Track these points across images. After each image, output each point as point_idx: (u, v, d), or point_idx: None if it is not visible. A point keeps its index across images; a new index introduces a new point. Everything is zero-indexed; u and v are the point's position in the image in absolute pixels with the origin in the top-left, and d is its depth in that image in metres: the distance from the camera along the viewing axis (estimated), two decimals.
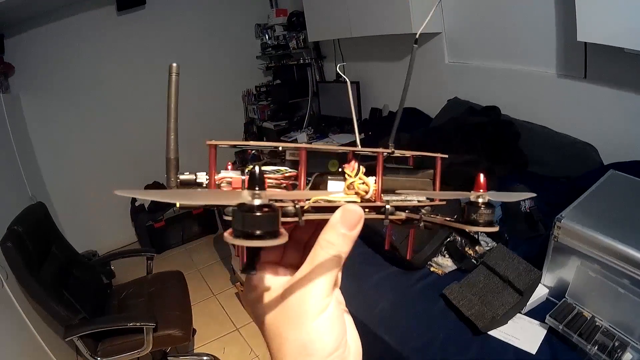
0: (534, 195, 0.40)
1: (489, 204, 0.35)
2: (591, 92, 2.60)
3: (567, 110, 2.77)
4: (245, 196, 0.28)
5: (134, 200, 4.58)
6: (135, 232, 4.70)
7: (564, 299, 1.61)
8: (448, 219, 0.38)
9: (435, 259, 2.07)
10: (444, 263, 2.04)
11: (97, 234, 4.44)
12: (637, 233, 1.55)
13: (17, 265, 2.25)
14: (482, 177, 0.36)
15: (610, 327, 1.48)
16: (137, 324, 2.38)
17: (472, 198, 0.35)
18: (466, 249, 2.01)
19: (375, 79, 4.36)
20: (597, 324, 1.50)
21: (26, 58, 3.92)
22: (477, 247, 1.97)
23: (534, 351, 1.50)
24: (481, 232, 0.40)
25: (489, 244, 2.01)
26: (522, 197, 0.39)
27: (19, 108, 3.97)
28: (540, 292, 1.71)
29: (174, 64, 0.37)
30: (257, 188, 0.29)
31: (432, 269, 2.04)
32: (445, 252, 2.09)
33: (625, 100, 2.45)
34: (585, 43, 2.47)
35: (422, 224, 0.42)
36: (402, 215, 0.42)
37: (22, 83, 3.96)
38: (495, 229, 0.35)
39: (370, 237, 2.27)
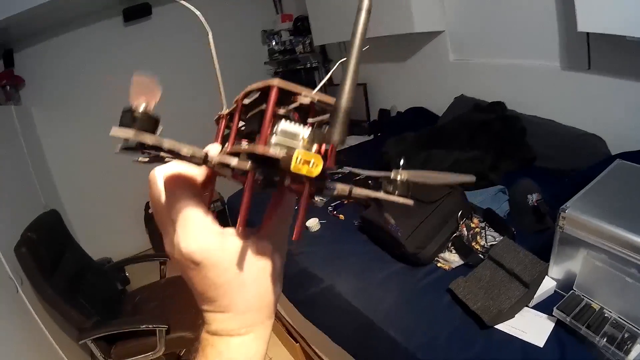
0: (472, 179, 0.37)
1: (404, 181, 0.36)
2: (596, 83, 2.58)
3: (573, 103, 2.75)
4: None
5: (147, 207, 4.59)
6: (149, 239, 4.69)
7: (571, 291, 1.59)
8: (372, 192, 0.37)
9: (441, 254, 2.08)
10: (451, 258, 2.05)
11: (111, 242, 4.44)
12: None
13: (31, 271, 2.31)
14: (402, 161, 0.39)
15: (619, 318, 1.46)
16: (150, 326, 2.40)
17: (392, 176, 0.36)
18: (472, 243, 2.01)
19: (381, 80, 4.37)
20: (605, 315, 1.48)
21: (36, 71, 3.97)
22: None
23: (541, 344, 1.49)
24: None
25: (496, 239, 2.01)
26: (442, 180, 0.38)
27: (31, 119, 4.01)
28: (548, 285, 1.70)
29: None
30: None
31: (438, 264, 2.04)
32: (452, 247, 2.09)
33: (631, 89, 2.43)
34: (588, 33, 2.46)
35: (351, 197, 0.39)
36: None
37: (33, 95, 4.00)
38: (409, 202, 0.36)
39: (377, 235, 2.28)
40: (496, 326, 1.60)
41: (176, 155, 0.34)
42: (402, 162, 0.39)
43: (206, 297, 0.40)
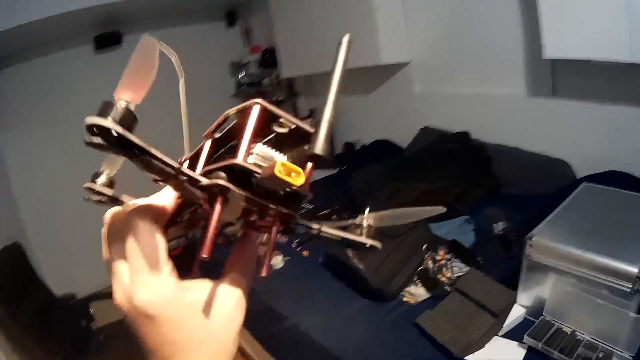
0: (442, 210, 0.41)
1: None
2: (561, 108, 2.60)
3: (538, 129, 2.76)
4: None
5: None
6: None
7: (541, 317, 1.56)
8: (341, 233, 0.39)
9: (407, 288, 2.03)
10: (417, 292, 2.00)
11: (77, 276, 4.25)
12: (611, 242, 1.53)
13: None
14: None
15: (592, 339, 1.44)
16: None
17: (357, 221, 0.39)
18: (438, 276, 1.96)
19: (346, 113, 4.35)
20: (578, 337, 1.46)
21: (3, 97, 3.90)
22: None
23: None
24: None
25: (463, 269, 1.96)
26: (411, 216, 0.41)
27: None
28: (517, 313, 1.67)
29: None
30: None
31: (405, 298, 1.98)
32: (418, 280, 2.04)
33: (596, 112, 2.45)
34: (552, 60, 2.48)
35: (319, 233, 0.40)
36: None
37: (0, 122, 3.91)
38: (377, 244, 0.40)
39: (341, 271, 2.22)
40: (466, 357, 1.54)
41: (145, 160, 0.31)
42: (367, 210, 0.41)
43: (158, 355, 0.36)
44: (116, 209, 0.40)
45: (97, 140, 0.29)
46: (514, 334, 1.59)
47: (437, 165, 2.80)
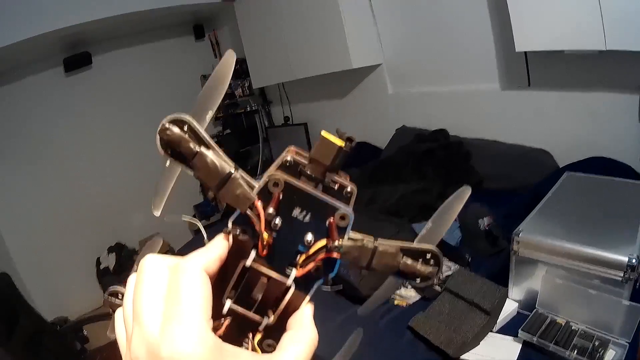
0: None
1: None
2: (537, 99, 2.64)
3: (516, 121, 2.79)
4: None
5: (98, 263, 4.43)
6: (104, 294, 4.44)
7: (535, 310, 1.56)
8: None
9: (398, 291, 1.99)
10: (407, 294, 1.97)
11: (67, 300, 4.19)
12: (599, 232, 1.54)
13: None
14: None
15: (587, 328, 1.44)
16: None
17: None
18: None
19: (322, 118, 4.34)
20: (573, 328, 1.46)
21: None
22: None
23: None
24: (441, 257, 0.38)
25: (452, 268, 1.94)
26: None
27: None
28: (510, 308, 1.66)
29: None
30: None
31: (396, 302, 1.95)
32: (407, 283, 1.99)
33: (571, 100, 2.49)
34: (525, 52, 2.51)
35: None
36: None
37: None
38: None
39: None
40: (463, 356, 1.53)
41: (203, 159, 0.35)
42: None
43: None
44: (155, 257, 0.34)
45: (176, 130, 0.34)
46: (509, 329, 1.58)
47: (415, 166, 2.80)
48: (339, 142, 0.34)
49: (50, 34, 3.30)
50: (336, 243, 0.34)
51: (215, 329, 0.31)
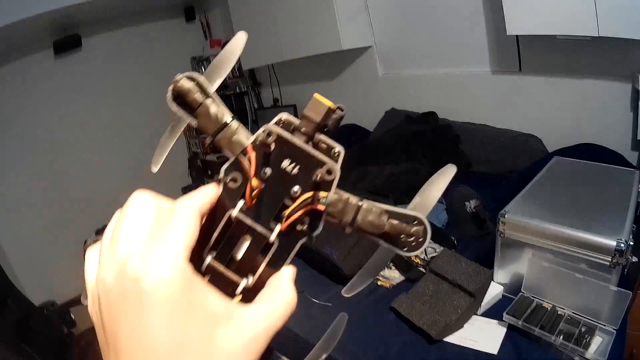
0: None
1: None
2: (528, 84, 2.62)
3: (506, 105, 2.78)
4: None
5: (85, 245, 4.35)
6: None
7: (520, 294, 1.55)
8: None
9: (381, 272, 1.95)
10: (391, 275, 1.94)
11: (55, 283, 4.11)
12: (586, 215, 1.52)
13: None
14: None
15: (573, 314, 1.43)
16: None
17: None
18: (412, 257, 1.91)
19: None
20: (559, 313, 1.45)
21: None
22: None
23: (495, 351, 1.42)
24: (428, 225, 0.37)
25: (437, 250, 1.91)
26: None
27: None
28: (495, 291, 1.64)
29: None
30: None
31: (379, 282, 1.92)
32: (391, 263, 1.98)
33: (561, 86, 2.48)
34: (517, 36, 2.49)
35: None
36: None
37: None
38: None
39: (313, 259, 2.14)
40: (446, 339, 1.52)
41: (205, 108, 0.38)
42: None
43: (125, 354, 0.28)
44: (146, 191, 0.33)
45: (187, 82, 0.38)
46: (493, 313, 1.56)
47: (404, 147, 2.77)
48: (329, 103, 0.37)
49: (40, 16, 3.23)
50: (321, 194, 0.34)
51: None
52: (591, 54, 2.31)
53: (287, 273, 0.34)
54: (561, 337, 1.34)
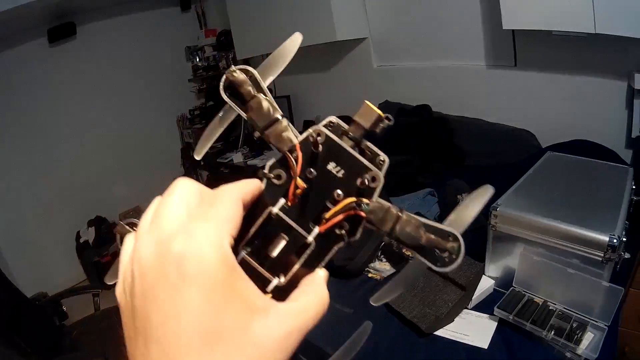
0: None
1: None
2: (523, 79, 2.62)
3: (501, 100, 2.77)
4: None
5: (78, 237, 4.36)
6: (84, 270, 4.40)
7: (511, 288, 1.54)
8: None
9: (372, 264, 1.97)
10: (382, 267, 1.94)
11: (46, 275, 4.15)
12: (579, 210, 1.51)
13: None
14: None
15: (565, 309, 1.42)
16: None
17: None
18: (403, 250, 1.90)
19: (305, 91, 4.30)
20: (550, 308, 1.44)
21: None
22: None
23: (485, 346, 1.42)
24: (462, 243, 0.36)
25: None
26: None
27: None
28: (486, 285, 1.63)
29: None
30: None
31: (370, 274, 1.92)
32: (382, 256, 1.98)
33: (557, 82, 2.48)
34: (513, 31, 2.49)
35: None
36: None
37: None
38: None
39: None
40: (437, 332, 1.51)
41: (257, 103, 0.39)
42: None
43: (153, 337, 0.27)
44: (190, 179, 0.33)
45: (241, 74, 0.39)
46: (484, 307, 1.56)
47: (398, 139, 2.76)
48: (379, 112, 0.36)
49: (34, 4, 3.20)
50: (364, 200, 0.35)
51: None
52: (587, 51, 2.30)
53: (321, 274, 0.34)
54: (552, 332, 1.33)
